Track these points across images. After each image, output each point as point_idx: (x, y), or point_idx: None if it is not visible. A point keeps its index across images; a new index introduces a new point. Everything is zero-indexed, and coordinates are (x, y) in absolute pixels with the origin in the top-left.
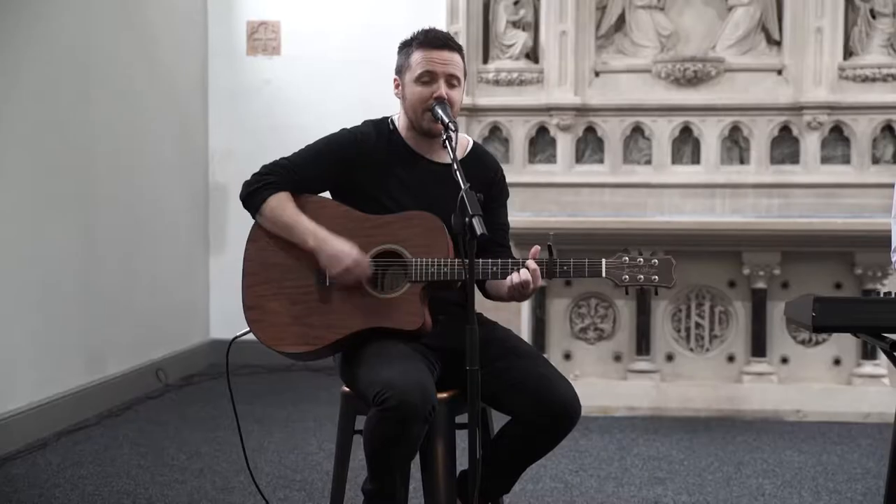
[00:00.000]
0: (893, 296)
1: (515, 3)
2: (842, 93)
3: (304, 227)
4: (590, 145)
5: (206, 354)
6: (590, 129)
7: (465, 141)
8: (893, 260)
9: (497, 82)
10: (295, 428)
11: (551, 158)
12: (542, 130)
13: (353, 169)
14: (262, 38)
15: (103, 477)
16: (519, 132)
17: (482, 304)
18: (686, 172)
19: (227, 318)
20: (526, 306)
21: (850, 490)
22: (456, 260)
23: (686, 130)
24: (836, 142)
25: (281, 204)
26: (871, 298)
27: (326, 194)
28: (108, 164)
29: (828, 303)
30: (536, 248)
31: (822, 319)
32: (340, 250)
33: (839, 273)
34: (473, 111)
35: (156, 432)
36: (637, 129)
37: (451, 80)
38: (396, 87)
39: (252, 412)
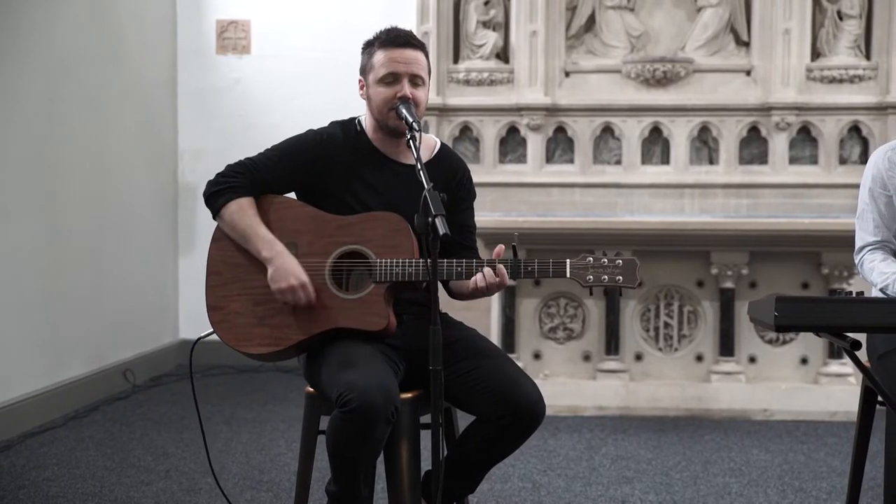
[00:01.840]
0: (855, 295)
1: (486, 4)
2: (809, 94)
3: (259, 237)
4: (560, 145)
5: (175, 355)
6: (560, 130)
7: (431, 142)
8: (857, 261)
9: (467, 82)
10: (263, 428)
11: (522, 158)
12: (513, 130)
13: (319, 170)
14: (232, 38)
15: (68, 479)
16: (489, 132)
17: (451, 305)
18: (656, 173)
19: (197, 319)
20: (496, 306)
21: (815, 488)
22: (421, 260)
23: (656, 131)
24: (804, 142)
25: (241, 209)
26: (833, 298)
27: (292, 195)
28: (74, 163)
29: (789, 302)
30: (500, 247)
31: (784, 319)
32: (291, 269)
33: (806, 273)
34: (444, 111)
35: (122, 433)
36: (607, 130)
37: (416, 80)
38: (361, 87)
39: (221, 413)
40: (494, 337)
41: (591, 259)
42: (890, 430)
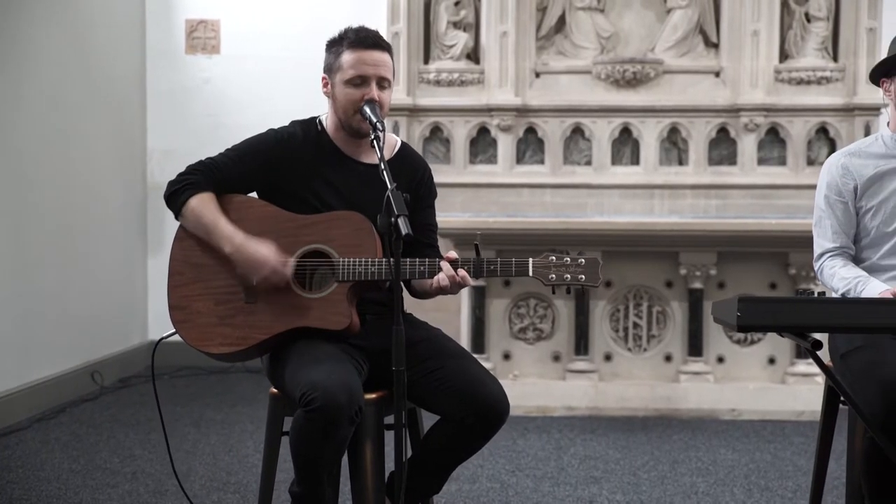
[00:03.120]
0: (818, 296)
1: (456, 4)
2: (778, 95)
3: (221, 231)
4: (530, 146)
5: (144, 356)
6: (530, 130)
7: (392, 141)
8: (816, 268)
9: (438, 83)
10: (231, 430)
11: (492, 159)
12: (483, 131)
13: (279, 170)
14: (202, 37)
15: (33, 481)
16: (460, 132)
17: (421, 305)
18: (625, 173)
19: (166, 320)
20: (465, 307)
21: (781, 487)
22: (384, 260)
23: (625, 131)
24: (773, 143)
25: (202, 205)
26: (795, 298)
27: (254, 194)
28: (41, 164)
29: (752, 303)
30: (452, 253)
31: (747, 319)
32: (258, 258)
33: (774, 273)
34: (414, 111)
35: (89, 435)
36: (577, 130)
37: (382, 82)
38: (325, 86)
39: (189, 414)
40: (464, 337)
41: (554, 258)
42: (852, 429)
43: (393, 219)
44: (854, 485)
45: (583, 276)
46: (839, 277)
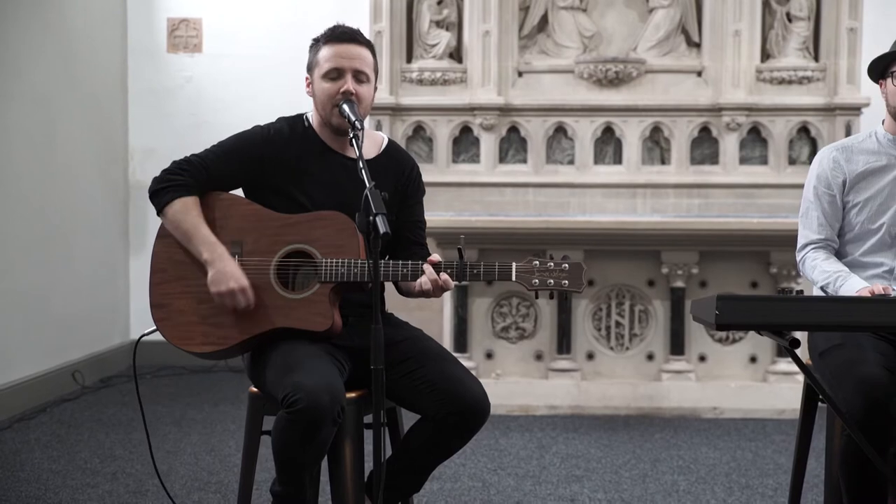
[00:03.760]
0: (794, 294)
1: (439, 3)
2: (759, 94)
3: (201, 238)
4: (513, 145)
5: (126, 356)
6: (513, 129)
7: (379, 138)
8: (798, 258)
9: (421, 82)
10: (213, 429)
11: (475, 158)
12: (466, 130)
13: (266, 166)
14: (184, 36)
15: (12, 482)
16: (442, 132)
17: (404, 305)
18: (608, 172)
19: (149, 319)
20: (448, 306)
21: (762, 485)
22: (366, 261)
23: (608, 131)
24: (755, 143)
25: (184, 208)
26: (773, 297)
27: (239, 191)
28: (22, 162)
29: (730, 301)
30: (435, 256)
31: (725, 318)
32: (232, 273)
33: (755, 272)
34: (397, 110)
35: (70, 435)
36: (560, 130)
37: (359, 76)
38: (308, 84)
39: (171, 413)
40: (447, 337)
41: (538, 262)
42: (830, 427)
43: (371, 217)
44: (832, 482)
45: (566, 282)
46: (820, 270)
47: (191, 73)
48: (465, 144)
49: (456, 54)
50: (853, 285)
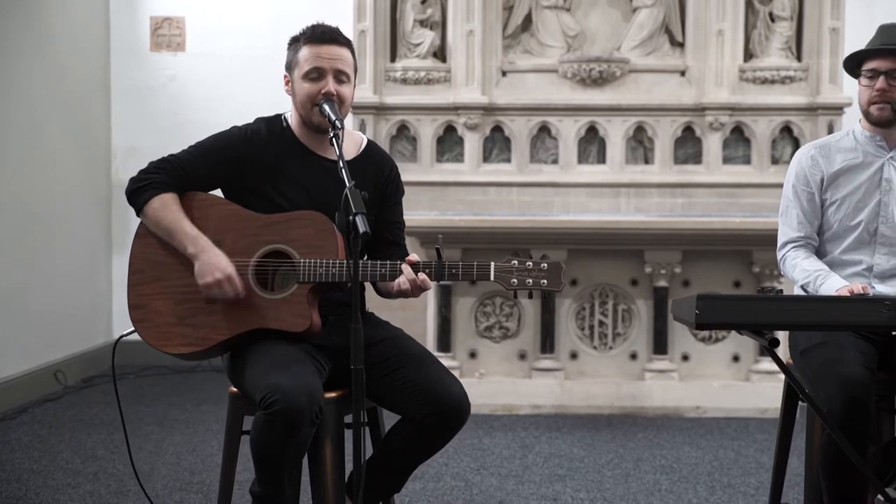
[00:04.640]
0: (774, 293)
1: (423, 2)
2: (742, 94)
3: (184, 232)
4: (497, 144)
5: (108, 355)
6: (497, 129)
7: (358, 139)
8: (779, 257)
9: (405, 81)
10: (195, 430)
11: (459, 157)
12: (450, 129)
13: (244, 167)
14: (167, 34)
15: None
16: (426, 131)
17: (387, 305)
18: (592, 172)
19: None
20: (432, 306)
21: (744, 484)
22: (345, 261)
23: (592, 130)
24: (738, 142)
25: (164, 205)
26: (752, 296)
27: (218, 192)
28: (4, 162)
29: (710, 301)
30: (413, 256)
31: (705, 317)
32: (217, 263)
33: (738, 271)
34: (381, 110)
35: (51, 436)
36: (544, 129)
37: (340, 76)
38: (287, 83)
39: (153, 413)
40: (430, 336)
41: (516, 262)
42: (810, 426)
43: (350, 217)
44: (813, 480)
45: (545, 281)
46: (800, 269)
47: (174, 72)
48: (449, 144)
49: (440, 53)
50: (833, 284)
